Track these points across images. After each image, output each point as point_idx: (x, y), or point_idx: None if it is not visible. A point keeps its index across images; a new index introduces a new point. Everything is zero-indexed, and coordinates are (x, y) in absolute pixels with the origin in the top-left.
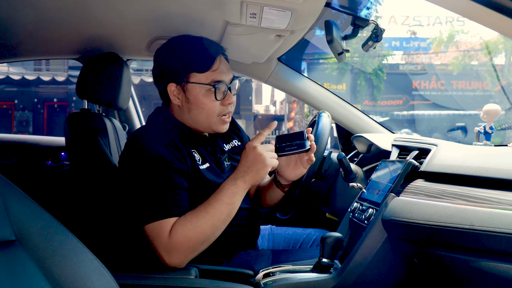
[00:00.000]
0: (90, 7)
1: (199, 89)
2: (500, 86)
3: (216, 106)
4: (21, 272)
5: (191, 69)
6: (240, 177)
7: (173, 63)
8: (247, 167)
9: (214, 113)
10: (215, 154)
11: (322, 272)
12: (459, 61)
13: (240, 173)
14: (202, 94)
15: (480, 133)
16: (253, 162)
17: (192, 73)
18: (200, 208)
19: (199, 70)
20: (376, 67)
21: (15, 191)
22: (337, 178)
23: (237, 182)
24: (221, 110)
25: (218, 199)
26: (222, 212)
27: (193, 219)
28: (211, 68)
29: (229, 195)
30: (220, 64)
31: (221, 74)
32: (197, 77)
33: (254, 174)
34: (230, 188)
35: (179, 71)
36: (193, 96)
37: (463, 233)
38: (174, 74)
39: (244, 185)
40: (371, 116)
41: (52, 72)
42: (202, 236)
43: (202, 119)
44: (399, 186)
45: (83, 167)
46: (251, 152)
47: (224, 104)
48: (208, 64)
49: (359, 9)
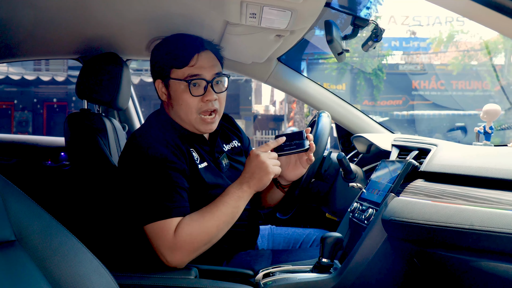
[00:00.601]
0: (90, 7)
1: (178, 85)
2: (500, 86)
3: (193, 102)
4: (20, 272)
5: (171, 65)
6: (245, 182)
7: (158, 59)
8: (251, 173)
9: (192, 109)
10: (213, 154)
11: (322, 272)
12: (459, 61)
13: (245, 178)
14: (180, 89)
15: (480, 133)
16: (256, 169)
17: (173, 69)
18: (206, 209)
19: (177, 66)
20: (375, 67)
21: (15, 191)
22: (337, 178)
23: (243, 187)
24: (200, 106)
25: (224, 202)
26: (227, 214)
27: (200, 219)
28: (189, 63)
29: (235, 199)
30: (198, 60)
31: (200, 69)
32: (175, 73)
33: (257, 180)
34: (236, 192)
35: (162, 67)
36: (173, 91)
37: (463, 233)
38: (159, 71)
39: (249, 190)
40: (371, 116)
41: (51, 72)
42: (206, 237)
43: (182, 115)
44: (399, 186)
45: (83, 167)
46: (254, 160)
47: (203, 100)
48: (185, 59)
49: (359, 9)
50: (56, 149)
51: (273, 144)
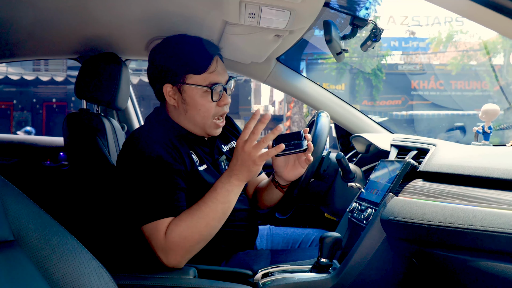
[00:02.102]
0: (89, 7)
1: (196, 91)
2: (499, 86)
3: (212, 107)
4: (19, 272)
5: (187, 71)
6: (233, 175)
7: (169, 63)
8: (239, 165)
9: (210, 114)
10: (212, 155)
11: (320, 272)
12: (458, 61)
13: (233, 171)
14: (199, 95)
15: (479, 133)
16: (243, 161)
17: (189, 74)
18: (194, 207)
19: (196, 72)
20: (375, 67)
21: (14, 191)
22: (336, 178)
23: (231, 180)
24: (217, 111)
25: (212, 198)
26: (217, 210)
27: (188, 218)
28: (208, 69)
29: (224, 194)
30: (217, 65)
31: (218, 75)
32: (193, 79)
33: (246, 172)
34: (224, 187)
35: (175, 72)
36: (190, 97)
37: (462, 233)
38: (170, 75)
39: (238, 182)
40: (370, 116)
41: (51, 72)
42: (197, 236)
43: (198, 120)
44: (397, 186)
45: (82, 167)
46: (241, 150)
47: (219, 105)
48: (205, 65)
49: (358, 9)
50: (55, 149)
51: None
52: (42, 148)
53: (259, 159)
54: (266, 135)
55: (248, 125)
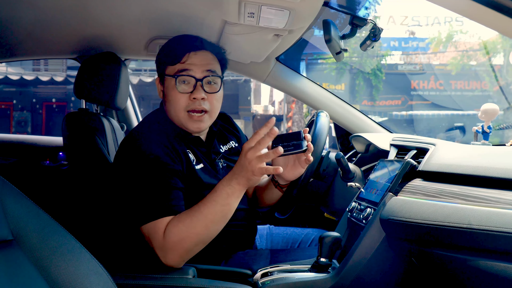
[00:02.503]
0: (89, 7)
1: (169, 81)
2: (499, 86)
3: (181, 98)
4: (18, 272)
5: (165, 62)
6: (234, 179)
7: (158, 58)
8: (240, 170)
9: (179, 107)
10: (209, 156)
11: (320, 271)
12: (458, 61)
13: (235, 174)
14: (171, 86)
15: (478, 133)
16: (244, 168)
17: (167, 65)
18: (194, 209)
19: (170, 63)
20: (374, 67)
21: (13, 190)
22: (335, 178)
23: (232, 184)
24: (187, 104)
25: (212, 200)
26: (216, 213)
27: (187, 219)
28: (181, 60)
29: (224, 196)
30: (190, 57)
31: (190, 65)
32: (168, 69)
33: (246, 179)
34: (224, 189)
35: (159, 65)
36: (166, 88)
37: (461, 232)
38: (158, 69)
39: (239, 187)
40: (370, 116)
41: (50, 72)
42: (195, 237)
43: (172, 112)
44: (397, 185)
45: (81, 166)
46: (243, 157)
47: (190, 98)
48: (178, 56)
49: (357, 8)
50: (54, 148)
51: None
52: (42, 148)
53: (258, 171)
54: (262, 138)
55: (259, 131)
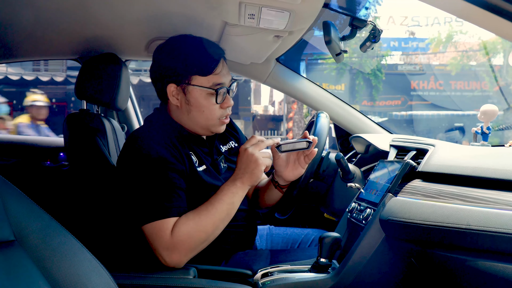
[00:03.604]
0: (89, 7)
1: (200, 92)
2: (498, 87)
3: (216, 109)
4: (19, 272)
5: (193, 72)
6: (238, 178)
7: (174, 63)
8: (242, 169)
9: (214, 116)
10: (211, 156)
11: (320, 272)
12: (458, 61)
13: (238, 174)
14: (203, 97)
15: (478, 134)
16: (247, 164)
17: (194, 75)
18: (202, 208)
19: (202, 73)
20: (374, 68)
21: (14, 191)
22: (335, 179)
23: (236, 183)
24: (220, 113)
25: (219, 199)
26: (223, 211)
27: (196, 218)
28: (214, 71)
29: (229, 195)
30: (222, 67)
31: (222, 77)
32: (198, 80)
33: (249, 174)
34: (230, 189)
35: (180, 73)
36: (194, 98)
37: (460, 233)
38: (175, 75)
39: (243, 185)
40: (370, 117)
41: (50, 73)
42: (204, 235)
43: (201, 121)
44: (396, 186)
45: (82, 167)
46: (243, 154)
47: (223, 107)
48: (211, 67)
49: (357, 10)
50: (55, 149)
51: (260, 137)
52: (42, 149)
53: (262, 162)
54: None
55: (255, 136)
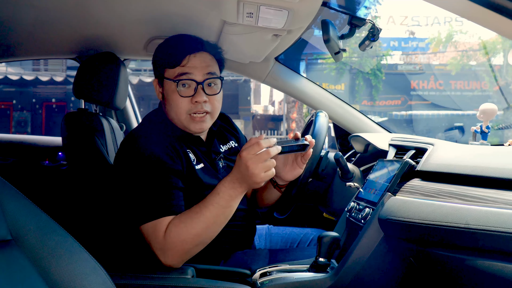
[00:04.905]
0: (88, 7)
1: (169, 85)
2: (498, 86)
3: (182, 102)
4: (17, 271)
5: (164, 64)
6: (236, 181)
7: (156, 59)
8: (241, 174)
9: (181, 110)
10: (209, 155)
11: (319, 271)
12: (458, 61)
13: (237, 178)
14: (171, 89)
15: (477, 133)
16: (245, 173)
17: (166, 68)
18: (195, 209)
19: (170, 65)
20: (374, 67)
21: (11, 190)
22: (334, 178)
23: (235, 186)
24: (190, 107)
25: (214, 202)
26: (218, 215)
27: (187, 220)
28: (181, 63)
29: (226, 199)
30: (190, 60)
31: (190, 69)
32: (168, 72)
33: (248, 183)
34: (227, 191)
35: (158, 67)
36: (165, 91)
37: (459, 232)
38: (156, 70)
39: (241, 189)
40: (369, 116)
41: (50, 72)
42: (196, 238)
43: (173, 115)
44: (395, 185)
45: (80, 167)
46: (242, 164)
47: (192, 101)
48: (177, 59)
49: (356, 8)
50: (53, 148)
51: (265, 143)
52: (41, 148)
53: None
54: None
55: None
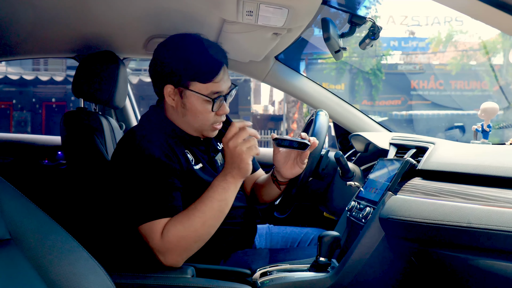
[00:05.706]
0: (88, 5)
1: (197, 98)
2: (499, 86)
3: (211, 116)
4: (15, 271)
5: (193, 77)
6: (228, 173)
7: (175, 65)
8: (230, 163)
9: (207, 123)
10: (208, 153)
11: (319, 271)
12: (458, 61)
13: (227, 169)
14: (199, 103)
15: (478, 131)
16: (232, 159)
17: (194, 81)
18: (191, 207)
19: (201, 80)
20: (374, 67)
21: (10, 189)
22: (334, 177)
23: (227, 178)
24: (215, 120)
25: (208, 197)
26: (213, 209)
27: (184, 218)
28: (214, 80)
29: (220, 192)
30: (223, 75)
31: (222, 85)
32: (197, 86)
33: (237, 169)
34: (220, 184)
35: (179, 75)
36: (190, 103)
37: (461, 231)
38: (174, 77)
39: (234, 180)
40: (370, 116)
41: (50, 72)
42: (194, 235)
43: (194, 125)
44: (396, 184)
45: (80, 166)
46: (227, 149)
47: (218, 114)
48: (212, 76)
49: (356, 7)
50: (53, 148)
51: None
52: (40, 147)
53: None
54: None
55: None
